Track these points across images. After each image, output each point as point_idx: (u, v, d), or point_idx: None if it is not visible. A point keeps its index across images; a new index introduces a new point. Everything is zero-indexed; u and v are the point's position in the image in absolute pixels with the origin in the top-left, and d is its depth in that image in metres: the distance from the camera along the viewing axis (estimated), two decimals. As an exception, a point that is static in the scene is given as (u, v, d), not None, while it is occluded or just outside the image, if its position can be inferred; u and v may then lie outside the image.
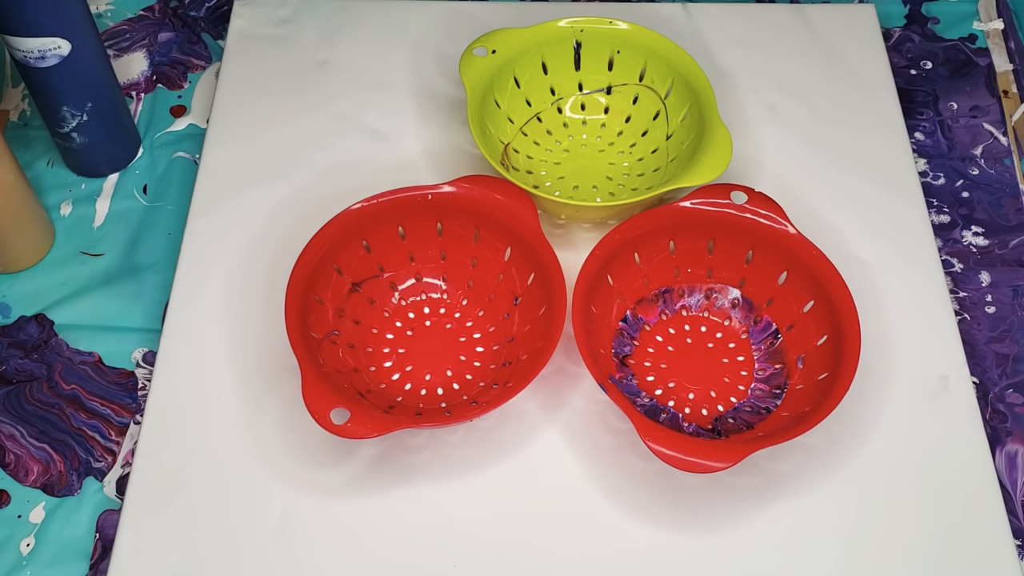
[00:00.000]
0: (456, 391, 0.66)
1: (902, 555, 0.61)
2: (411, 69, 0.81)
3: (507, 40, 0.74)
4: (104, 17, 0.88)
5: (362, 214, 0.66)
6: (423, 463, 0.63)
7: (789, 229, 0.66)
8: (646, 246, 0.68)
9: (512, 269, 0.68)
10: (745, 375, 0.67)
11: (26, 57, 0.69)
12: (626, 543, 0.61)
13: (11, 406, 0.68)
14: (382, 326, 0.68)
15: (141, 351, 0.71)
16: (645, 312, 0.69)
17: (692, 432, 0.64)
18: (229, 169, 0.75)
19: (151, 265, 0.75)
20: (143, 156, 0.80)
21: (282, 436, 0.64)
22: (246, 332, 0.68)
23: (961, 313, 0.73)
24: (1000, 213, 0.78)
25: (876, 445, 0.64)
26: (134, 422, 0.68)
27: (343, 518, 0.61)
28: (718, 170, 0.68)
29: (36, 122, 0.82)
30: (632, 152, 0.76)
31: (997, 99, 0.84)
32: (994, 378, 0.70)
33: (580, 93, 0.77)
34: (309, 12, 0.85)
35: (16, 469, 0.66)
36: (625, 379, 0.66)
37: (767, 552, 0.61)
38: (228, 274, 0.70)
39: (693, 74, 0.73)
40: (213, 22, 0.88)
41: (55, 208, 0.77)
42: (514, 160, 0.74)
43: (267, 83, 0.80)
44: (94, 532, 0.64)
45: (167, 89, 0.84)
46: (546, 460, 0.63)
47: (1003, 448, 0.67)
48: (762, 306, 0.68)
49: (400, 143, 0.77)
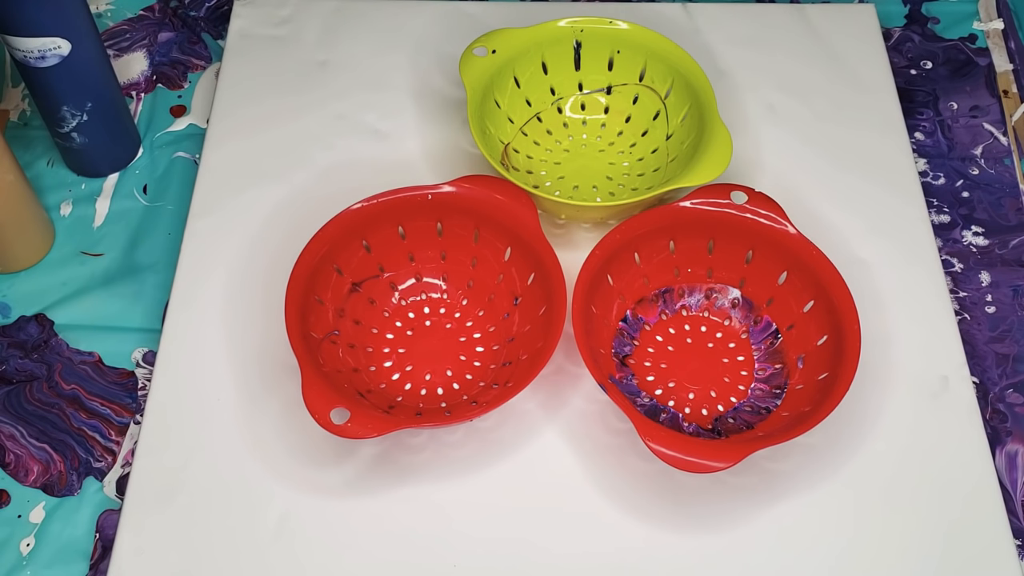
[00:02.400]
0: (456, 391, 0.66)
1: (902, 555, 0.61)
2: (411, 69, 0.81)
3: (507, 40, 0.74)
4: (104, 17, 0.88)
5: (362, 214, 0.66)
6: (423, 463, 0.63)
7: (789, 229, 0.66)
8: (646, 246, 0.68)
9: (512, 269, 0.68)
10: (745, 375, 0.67)
11: (26, 57, 0.69)
12: (626, 543, 0.61)
13: (11, 406, 0.68)
14: (382, 326, 0.68)
15: (141, 351, 0.71)
16: (645, 312, 0.69)
17: (692, 432, 0.64)
18: (229, 169, 0.75)
19: (151, 265, 0.75)
20: (143, 156, 0.80)
21: (282, 436, 0.64)
22: (246, 332, 0.68)
23: (961, 313, 0.73)
24: (1000, 213, 0.78)
25: (876, 445, 0.64)
26: (134, 422, 0.68)
27: (343, 518, 0.61)
28: (718, 170, 0.68)
29: (36, 122, 0.82)
30: (632, 152, 0.76)
31: (997, 99, 0.84)
32: (994, 378, 0.70)
33: (580, 93, 0.77)
34: (309, 12, 0.85)
35: (16, 469, 0.66)
36: (625, 379, 0.66)
37: (767, 552, 0.61)
38: (228, 274, 0.70)
39: (693, 74, 0.73)
40: (213, 22, 0.88)
41: (55, 208, 0.77)
42: (514, 160, 0.74)
43: (267, 83, 0.80)
44: (94, 532, 0.64)
45: (167, 89, 0.84)
46: (546, 460, 0.63)
47: (1003, 448, 0.67)
48: (762, 306, 0.68)
49: (400, 143, 0.77)
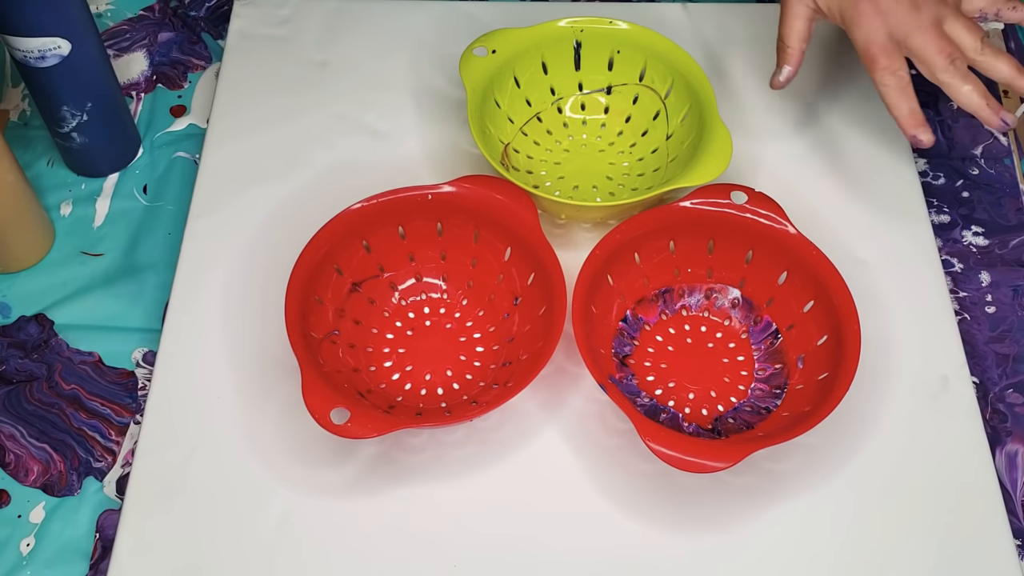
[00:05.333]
0: (456, 391, 0.66)
1: (901, 555, 0.61)
2: (411, 69, 0.81)
3: (507, 40, 0.74)
4: (104, 17, 0.88)
5: (362, 214, 0.66)
6: (423, 463, 0.63)
7: (789, 229, 0.66)
8: (646, 246, 0.68)
9: (512, 269, 0.68)
10: (745, 375, 0.67)
11: (26, 57, 0.69)
12: (626, 543, 0.61)
13: (11, 406, 0.68)
14: (382, 326, 0.68)
15: (141, 351, 0.71)
16: (645, 312, 0.69)
17: (692, 432, 0.64)
18: (229, 169, 0.75)
19: (151, 265, 0.74)
20: (143, 156, 0.80)
21: (282, 436, 0.64)
22: (246, 332, 0.68)
23: (961, 313, 0.73)
24: (1000, 213, 0.78)
25: (876, 445, 0.64)
26: (134, 422, 0.68)
27: (343, 518, 0.61)
28: (718, 170, 0.68)
29: (36, 122, 0.82)
30: (632, 152, 0.76)
31: (997, 99, 0.84)
32: (994, 378, 0.70)
33: (580, 93, 0.77)
34: (309, 12, 0.85)
35: (16, 469, 0.66)
36: (625, 379, 0.66)
37: (767, 552, 0.61)
38: (228, 274, 0.70)
39: (693, 74, 0.73)
40: (213, 22, 0.88)
41: (55, 208, 0.77)
42: (514, 160, 0.74)
43: (267, 83, 0.80)
44: (94, 532, 0.64)
45: (167, 89, 0.84)
46: (546, 460, 0.63)
47: (1003, 448, 0.67)
48: (762, 306, 0.68)
49: (400, 143, 0.77)
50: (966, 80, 0.67)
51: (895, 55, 0.67)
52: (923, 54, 0.67)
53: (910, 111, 0.67)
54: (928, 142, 0.67)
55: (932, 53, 0.66)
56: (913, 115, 0.67)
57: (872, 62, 0.68)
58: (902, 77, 0.67)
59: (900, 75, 0.67)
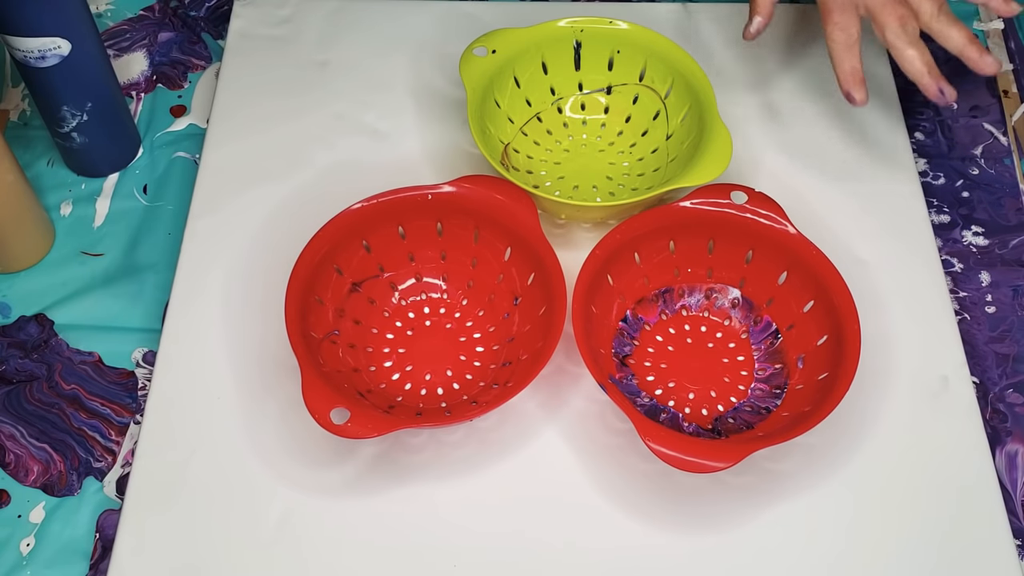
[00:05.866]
0: (456, 391, 0.66)
1: (901, 555, 0.61)
2: (411, 69, 0.81)
3: (507, 40, 0.74)
4: (104, 17, 0.88)
5: (362, 214, 0.66)
6: (423, 463, 0.63)
7: (789, 229, 0.66)
8: (646, 246, 0.68)
9: (512, 269, 0.68)
10: (745, 375, 0.67)
11: (26, 57, 0.69)
12: (626, 543, 0.61)
13: (11, 406, 0.68)
14: (382, 326, 0.68)
15: (141, 351, 0.71)
16: (645, 312, 0.69)
17: (692, 432, 0.64)
18: (229, 169, 0.75)
19: (151, 265, 0.74)
20: (143, 156, 0.80)
21: (282, 436, 0.64)
22: (246, 332, 0.68)
23: (961, 313, 0.73)
24: (1000, 213, 0.78)
25: (876, 445, 0.64)
26: (134, 422, 0.68)
27: (343, 518, 0.61)
28: (718, 170, 0.68)
29: (36, 122, 0.82)
30: (632, 152, 0.76)
31: (997, 99, 0.84)
32: (994, 378, 0.70)
33: (580, 93, 0.77)
34: (309, 12, 0.85)
35: (16, 469, 0.66)
36: (625, 379, 0.66)
37: (767, 552, 0.61)
38: (228, 274, 0.70)
39: (693, 74, 0.73)
40: (213, 22, 0.88)
41: (55, 208, 0.77)
42: (514, 160, 0.74)
43: (267, 83, 0.80)
44: (94, 532, 0.64)
45: (167, 89, 0.84)
46: (546, 460, 0.63)
47: (1003, 448, 0.67)
48: (762, 306, 0.68)
49: (400, 143, 0.77)
50: (911, 45, 0.68)
51: (849, 12, 0.69)
52: (877, 14, 0.68)
53: (851, 69, 0.69)
54: (860, 101, 0.69)
55: (885, 14, 0.68)
56: (853, 73, 0.69)
57: (827, 14, 0.69)
58: (851, 35, 0.69)
59: (849, 32, 0.69)
